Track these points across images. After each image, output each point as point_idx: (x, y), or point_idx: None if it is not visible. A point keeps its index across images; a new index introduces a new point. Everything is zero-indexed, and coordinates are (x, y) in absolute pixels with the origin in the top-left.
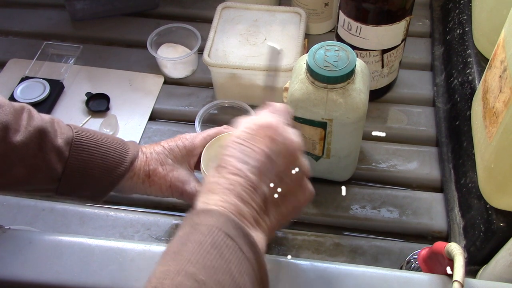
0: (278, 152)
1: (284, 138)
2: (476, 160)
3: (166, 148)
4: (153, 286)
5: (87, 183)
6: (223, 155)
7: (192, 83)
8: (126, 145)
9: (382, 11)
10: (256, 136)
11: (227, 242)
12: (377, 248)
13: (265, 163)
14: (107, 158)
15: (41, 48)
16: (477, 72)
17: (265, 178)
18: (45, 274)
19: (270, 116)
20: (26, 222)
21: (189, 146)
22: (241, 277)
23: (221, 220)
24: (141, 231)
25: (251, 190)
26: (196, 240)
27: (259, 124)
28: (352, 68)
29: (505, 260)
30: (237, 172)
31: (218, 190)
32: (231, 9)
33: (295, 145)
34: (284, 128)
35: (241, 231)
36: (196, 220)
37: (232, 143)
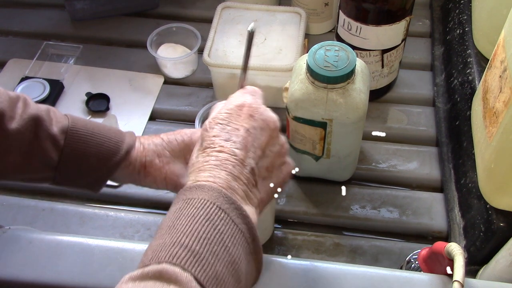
0: (259, 128)
1: (262, 114)
2: (476, 160)
3: (164, 141)
4: (149, 259)
5: (83, 172)
6: (206, 137)
7: (192, 83)
8: (122, 134)
9: (382, 11)
10: (236, 115)
11: (220, 215)
12: (377, 248)
13: (248, 138)
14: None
15: (41, 48)
16: (477, 72)
17: (251, 153)
18: (45, 274)
19: (246, 96)
20: (26, 222)
21: (187, 141)
22: (234, 248)
23: (213, 194)
24: (141, 231)
25: (239, 165)
26: (190, 214)
27: (236, 104)
28: (352, 68)
29: (505, 260)
30: (223, 149)
31: (207, 168)
32: (231, 9)
33: (274, 120)
34: (261, 106)
35: (233, 204)
36: (188, 195)
37: (214, 123)
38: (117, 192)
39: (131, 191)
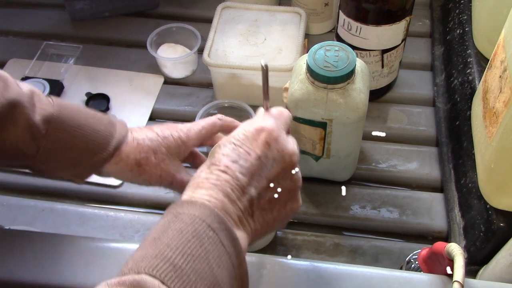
0: (272, 158)
1: (280, 145)
2: (476, 160)
3: (160, 136)
4: (129, 268)
5: (64, 164)
6: (217, 153)
7: (192, 83)
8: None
9: (382, 11)
10: (252, 139)
11: (208, 233)
12: (377, 248)
13: (256, 166)
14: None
15: (41, 48)
16: (477, 72)
17: (255, 181)
18: (45, 274)
19: (270, 120)
20: (26, 222)
21: (183, 138)
22: (219, 270)
23: (205, 212)
24: (141, 231)
25: (239, 191)
26: (177, 228)
27: (257, 128)
28: (352, 68)
29: (505, 260)
30: (227, 170)
31: (205, 185)
32: (231, 9)
33: (290, 154)
34: (282, 135)
35: (224, 225)
36: (179, 210)
37: (228, 142)
38: (117, 192)
39: (131, 191)
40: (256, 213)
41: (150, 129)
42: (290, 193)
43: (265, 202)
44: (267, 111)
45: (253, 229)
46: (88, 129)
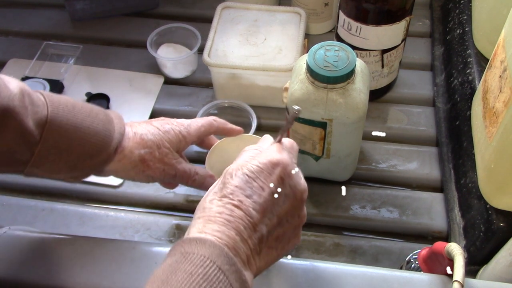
0: (284, 195)
1: (293, 181)
2: (476, 160)
3: (161, 130)
4: None
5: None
6: (229, 184)
7: (192, 83)
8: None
9: (382, 11)
10: (267, 173)
11: (219, 277)
12: (377, 248)
13: (269, 202)
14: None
15: (41, 48)
16: (477, 72)
17: (266, 219)
18: (45, 274)
19: (283, 154)
20: (26, 222)
21: (184, 133)
22: None
23: (215, 252)
24: (141, 231)
25: (251, 229)
26: (187, 270)
27: (272, 162)
28: (352, 68)
29: (505, 260)
30: (240, 205)
31: (217, 220)
32: (231, 9)
33: (302, 191)
34: (295, 171)
35: (233, 267)
36: (187, 249)
37: (240, 173)
38: (117, 192)
39: (131, 191)
40: (263, 251)
41: (150, 123)
42: (295, 230)
43: (273, 240)
44: (279, 143)
45: (258, 268)
46: (86, 130)
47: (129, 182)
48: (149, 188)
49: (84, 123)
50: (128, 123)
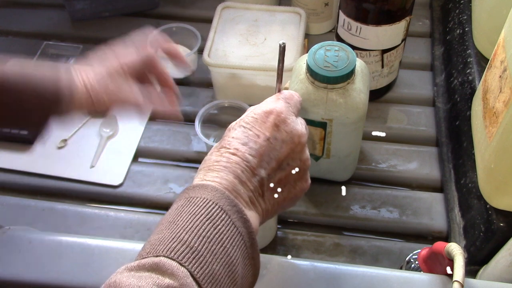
0: (281, 140)
1: (289, 127)
2: (476, 160)
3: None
4: (147, 252)
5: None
6: (227, 136)
7: (192, 83)
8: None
9: (382, 11)
10: (261, 121)
11: (221, 216)
12: (377, 248)
13: (266, 148)
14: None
15: (41, 48)
16: (477, 72)
17: (264, 163)
18: (45, 274)
19: (280, 103)
20: (26, 222)
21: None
22: (233, 250)
23: (216, 195)
24: (141, 231)
25: (249, 172)
26: (191, 212)
27: (266, 110)
28: (352, 68)
29: (505, 260)
30: (237, 152)
31: (216, 168)
32: (231, 9)
33: (299, 135)
34: (291, 117)
35: (235, 207)
36: (191, 194)
37: (238, 125)
38: (117, 192)
39: (131, 191)
40: (266, 194)
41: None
42: (299, 173)
43: (275, 183)
44: (279, 92)
45: (263, 210)
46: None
47: (129, 182)
48: (149, 188)
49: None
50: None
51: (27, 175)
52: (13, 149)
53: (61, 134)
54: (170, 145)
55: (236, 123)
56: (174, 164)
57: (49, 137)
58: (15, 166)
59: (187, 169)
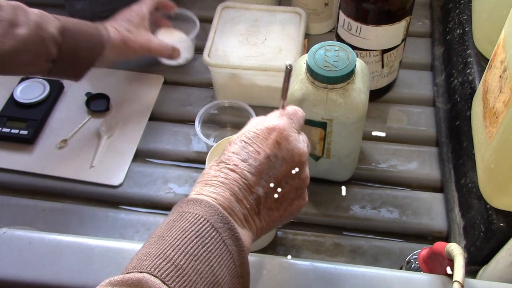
0: (281, 158)
1: (290, 145)
2: (476, 160)
3: (125, 21)
4: (132, 266)
5: (76, 62)
6: (227, 151)
7: (192, 83)
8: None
9: (382, 11)
10: (263, 138)
11: (211, 233)
12: (377, 248)
13: (265, 165)
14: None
15: None
16: (477, 72)
17: (263, 181)
18: (45, 274)
19: (281, 119)
20: (26, 222)
21: (141, 15)
22: (220, 269)
23: (209, 211)
24: (141, 231)
25: (246, 190)
26: (181, 227)
27: (269, 127)
28: (352, 68)
29: (505, 260)
30: (236, 169)
31: (213, 183)
32: (231, 9)
33: (300, 153)
34: (293, 135)
35: (227, 225)
36: (184, 208)
37: (238, 140)
38: (117, 192)
39: (131, 191)
40: (262, 212)
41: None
42: (297, 192)
43: (272, 201)
44: (282, 109)
45: (258, 228)
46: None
47: (129, 182)
48: (149, 188)
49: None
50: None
51: (27, 175)
52: (13, 149)
53: (61, 134)
54: (170, 145)
55: (237, 137)
56: (174, 164)
57: (49, 137)
58: (15, 166)
59: (187, 169)
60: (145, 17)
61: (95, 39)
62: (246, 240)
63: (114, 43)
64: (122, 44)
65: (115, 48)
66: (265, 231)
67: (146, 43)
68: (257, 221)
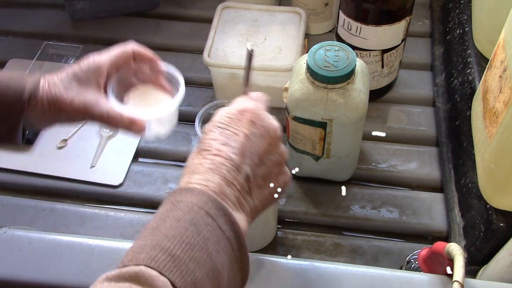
0: (259, 135)
1: (264, 121)
2: (476, 160)
3: (69, 74)
4: (128, 259)
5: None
6: (204, 139)
7: (192, 83)
8: (23, 80)
9: (382, 11)
10: (237, 120)
11: (206, 220)
12: (377, 248)
13: (246, 144)
14: (3, 97)
15: (41, 48)
16: (477, 72)
17: (247, 159)
18: (45, 274)
19: (249, 101)
20: (26, 222)
21: (93, 67)
22: (218, 255)
23: (202, 198)
24: (141, 231)
25: (234, 171)
26: (175, 217)
27: (239, 109)
28: (352, 68)
29: (505, 260)
30: (220, 153)
31: (201, 170)
32: (231, 9)
33: (275, 128)
34: (264, 113)
35: (222, 211)
36: (177, 197)
37: (214, 127)
38: (117, 192)
39: (131, 191)
40: (253, 190)
41: (62, 70)
42: (279, 166)
43: (260, 179)
44: (245, 94)
45: (252, 208)
46: (2, 87)
47: (129, 182)
48: (149, 188)
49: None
50: (43, 75)
51: (27, 175)
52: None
53: (61, 134)
54: (170, 145)
55: (211, 125)
56: (174, 164)
57: (49, 137)
58: (15, 166)
59: None
60: (100, 71)
61: (15, 95)
62: (242, 223)
63: (40, 102)
64: (51, 105)
65: (41, 109)
66: (259, 210)
67: (87, 107)
68: (250, 201)
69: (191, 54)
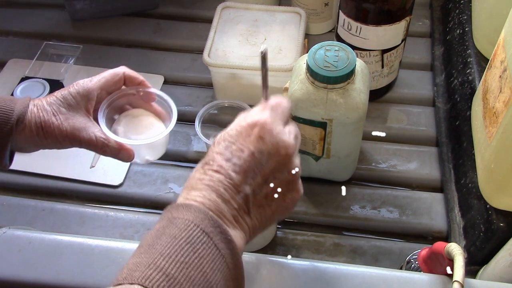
0: (266, 153)
1: (274, 138)
2: (476, 160)
3: (58, 98)
4: (123, 277)
5: None
6: (211, 152)
7: (192, 83)
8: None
9: (382, 11)
10: (245, 135)
11: (202, 239)
12: (377, 248)
13: (250, 162)
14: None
15: (41, 48)
16: (477, 72)
17: (249, 179)
18: (45, 274)
19: (264, 113)
20: (26, 222)
21: (82, 92)
22: (213, 274)
23: (199, 216)
24: (141, 231)
25: (233, 190)
26: (171, 234)
27: (250, 123)
28: (352, 68)
29: (505, 260)
30: (220, 170)
31: (199, 186)
32: (231, 9)
33: (286, 146)
34: (277, 128)
35: (218, 228)
36: (174, 214)
37: (222, 139)
38: (117, 192)
39: (131, 191)
40: (253, 210)
41: (51, 94)
42: (288, 185)
43: (262, 198)
44: (265, 100)
45: (250, 227)
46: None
47: (129, 182)
48: (149, 188)
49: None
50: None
51: (27, 175)
52: None
53: None
54: (170, 145)
55: (221, 136)
56: (174, 164)
57: None
58: (15, 166)
59: (187, 169)
60: (90, 96)
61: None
62: (238, 241)
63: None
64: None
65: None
66: (259, 229)
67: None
68: (248, 220)
69: (191, 54)
